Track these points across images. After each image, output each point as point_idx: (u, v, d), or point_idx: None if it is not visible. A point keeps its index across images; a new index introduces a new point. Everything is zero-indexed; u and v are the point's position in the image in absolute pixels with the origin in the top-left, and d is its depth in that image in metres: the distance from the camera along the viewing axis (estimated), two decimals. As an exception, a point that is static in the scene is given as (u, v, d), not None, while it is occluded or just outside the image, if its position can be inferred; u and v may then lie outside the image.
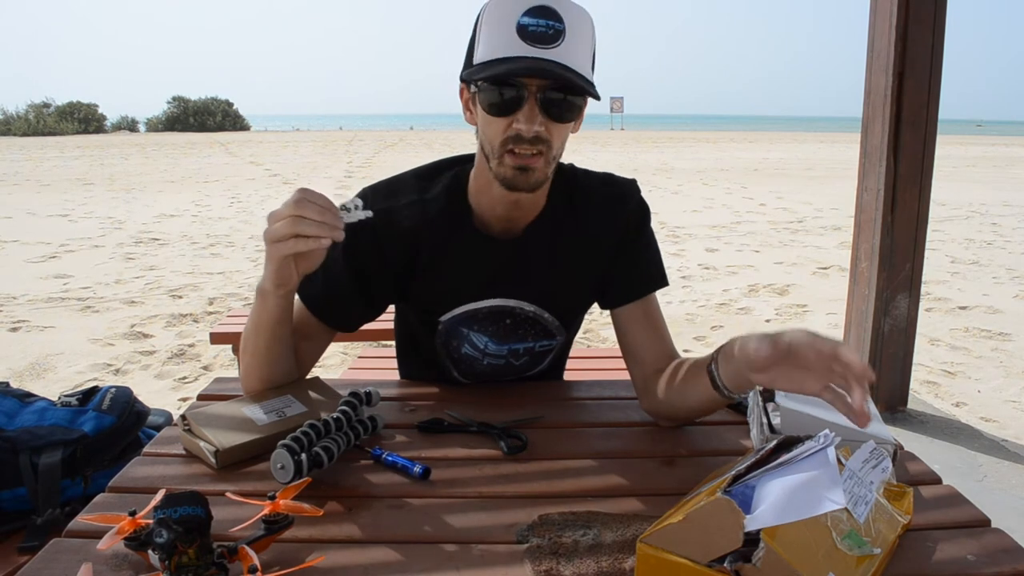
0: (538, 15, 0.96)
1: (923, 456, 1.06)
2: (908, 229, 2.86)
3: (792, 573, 0.63)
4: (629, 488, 0.95)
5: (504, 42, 0.97)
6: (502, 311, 1.20)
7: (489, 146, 1.04)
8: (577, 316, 1.30)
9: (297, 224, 0.90)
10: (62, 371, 3.61)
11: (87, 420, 1.37)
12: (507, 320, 1.20)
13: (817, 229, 8.03)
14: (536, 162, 1.02)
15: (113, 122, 39.23)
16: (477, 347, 1.23)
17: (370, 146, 24.15)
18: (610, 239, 1.19)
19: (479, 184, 1.13)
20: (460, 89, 1.08)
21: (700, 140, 30.91)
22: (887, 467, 0.85)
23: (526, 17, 0.96)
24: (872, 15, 2.85)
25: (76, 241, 7.03)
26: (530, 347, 1.25)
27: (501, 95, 0.99)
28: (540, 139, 1.00)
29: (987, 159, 20.12)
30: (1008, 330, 4.39)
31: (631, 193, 1.22)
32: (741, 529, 0.63)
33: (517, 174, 1.02)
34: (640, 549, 0.70)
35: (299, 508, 0.80)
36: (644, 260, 1.22)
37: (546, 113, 0.99)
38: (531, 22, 0.96)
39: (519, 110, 0.99)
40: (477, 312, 1.19)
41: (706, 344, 4.11)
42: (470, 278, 1.17)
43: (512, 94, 0.98)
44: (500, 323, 1.21)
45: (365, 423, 1.05)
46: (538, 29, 0.96)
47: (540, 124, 0.99)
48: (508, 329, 1.21)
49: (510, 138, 1.00)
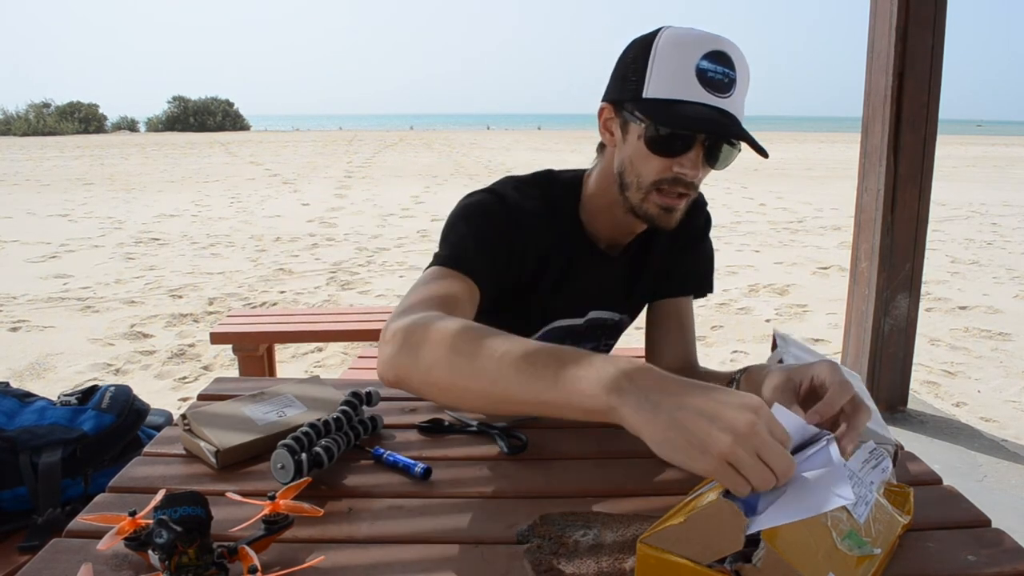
0: (717, 61, 0.96)
1: (923, 456, 1.06)
2: (908, 229, 2.86)
3: (792, 573, 0.63)
4: (629, 488, 0.95)
5: (682, 83, 0.96)
6: (603, 322, 1.24)
7: (636, 179, 1.03)
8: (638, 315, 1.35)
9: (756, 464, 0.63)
10: (62, 371, 3.61)
11: (87, 419, 1.37)
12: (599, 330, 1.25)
13: (817, 229, 8.03)
14: (681, 203, 1.04)
15: (113, 122, 39.24)
16: None
17: (370, 146, 24.16)
18: (676, 245, 1.25)
19: (597, 205, 1.14)
20: (602, 108, 1.08)
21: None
22: (887, 467, 0.85)
23: (705, 61, 0.95)
24: (872, 15, 2.85)
25: (76, 241, 7.03)
26: (594, 346, 1.28)
27: (673, 137, 0.99)
28: (694, 184, 1.02)
29: (987, 159, 20.12)
30: (1008, 330, 4.40)
31: (701, 205, 1.28)
32: (742, 531, 0.63)
33: (662, 213, 1.04)
34: (640, 550, 0.70)
35: (299, 508, 0.80)
36: (695, 264, 1.27)
37: (707, 159, 1.01)
38: (710, 68, 0.95)
39: (685, 155, 0.99)
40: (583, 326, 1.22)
41: (706, 344, 4.11)
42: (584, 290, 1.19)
43: (685, 138, 0.98)
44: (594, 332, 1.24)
45: (365, 423, 1.05)
46: (716, 76, 0.96)
47: (701, 169, 1.01)
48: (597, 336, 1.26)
49: (667, 179, 1.01)
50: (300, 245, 6.92)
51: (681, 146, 0.99)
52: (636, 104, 1.00)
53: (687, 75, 0.95)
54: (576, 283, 1.17)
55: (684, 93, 0.96)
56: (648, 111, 0.98)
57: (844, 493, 0.64)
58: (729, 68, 0.97)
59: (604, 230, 1.15)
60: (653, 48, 0.99)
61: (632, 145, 1.03)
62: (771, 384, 0.86)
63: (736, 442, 0.61)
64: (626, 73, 1.03)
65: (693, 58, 0.95)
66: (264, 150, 21.95)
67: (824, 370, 0.83)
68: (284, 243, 7.01)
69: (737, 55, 0.98)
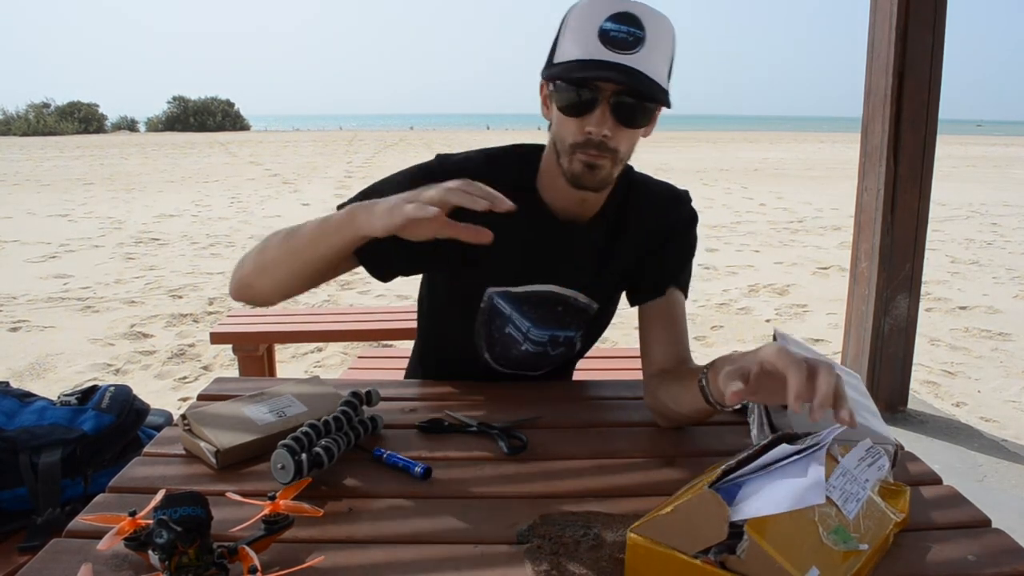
0: (621, 21, 0.98)
1: (923, 456, 1.06)
2: (908, 229, 2.86)
3: (775, 565, 0.64)
4: (629, 488, 0.95)
5: (585, 45, 0.99)
6: (556, 298, 1.22)
7: (561, 144, 1.07)
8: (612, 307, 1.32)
9: (458, 195, 0.89)
10: (62, 371, 3.61)
11: (87, 419, 1.37)
12: (559, 308, 1.23)
13: (817, 229, 8.03)
14: (603, 160, 1.05)
15: (113, 122, 39.22)
16: (520, 329, 1.24)
17: (370, 146, 24.15)
18: (656, 242, 1.22)
19: (548, 176, 1.16)
20: (540, 85, 1.10)
21: (700, 140, 30.92)
22: (883, 465, 0.85)
23: (609, 22, 0.98)
24: (872, 15, 2.85)
25: (76, 241, 7.03)
26: (571, 336, 1.27)
27: (577, 96, 1.01)
28: (607, 145, 1.03)
29: (987, 159, 20.13)
30: (1008, 330, 4.39)
31: (684, 200, 1.27)
32: (726, 521, 0.66)
33: (585, 171, 1.05)
34: (630, 539, 0.71)
35: (299, 508, 0.80)
36: (678, 263, 1.24)
37: (617, 118, 1.02)
38: (613, 27, 0.98)
39: (591, 113, 1.01)
40: (531, 295, 1.21)
41: (706, 344, 4.11)
42: (535, 259, 1.19)
43: (587, 96, 1.00)
44: (552, 310, 1.23)
45: (365, 423, 1.05)
46: (619, 35, 0.98)
47: (610, 128, 1.02)
48: (558, 316, 1.24)
49: (580, 141, 1.03)
50: (300, 245, 6.92)
51: (587, 106, 1.01)
52: (548, 70, 1.05)
53: (590, 36, 0.99)
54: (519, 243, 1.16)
55: (586, 53, 0.99)
56: (553, 75, 1.03)
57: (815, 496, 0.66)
58: (635, 27, 0.98)
59: (559, 202, 1.17)
60: (566, 17, 1.04)
61: (554, 112, 1.07)
62: (722, 373, 0.85)
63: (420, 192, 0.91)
64: (550, 46, 1.07)
65: (598, 20, 0.98)
66: (264, 150, 21.95)
67: (771, 354, 0.81)
68: (284, 243, 7.01)
69: (648, 15, 1.00)
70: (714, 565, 0.66)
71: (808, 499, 0.66)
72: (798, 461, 0.71)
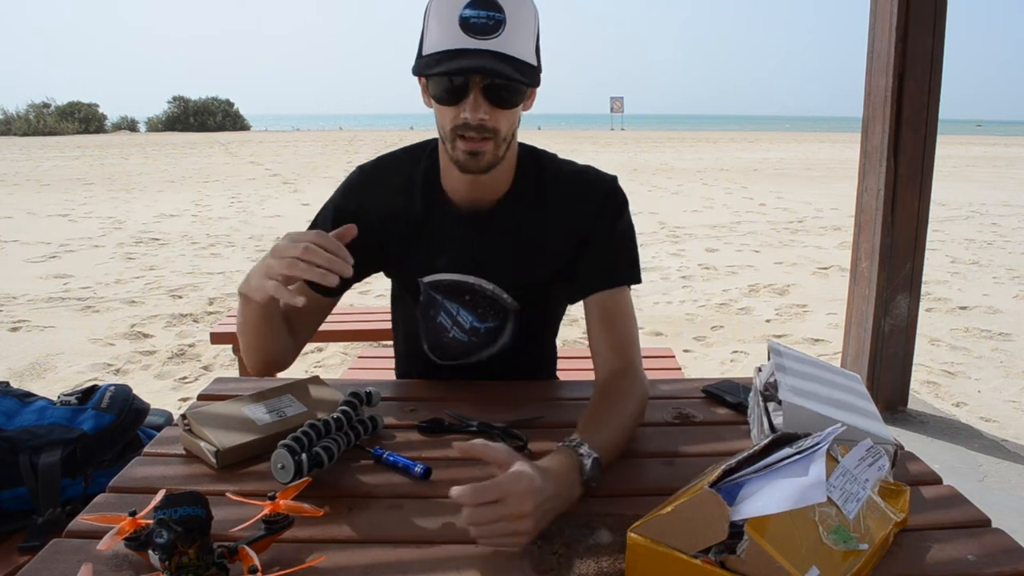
0: (479, 6, 1.00)
1: (923, 456, 1.06)
2: (908, 229, 2.86)
3: (775, 565, 0.64)
4: (629, 488, 0.95)
5: (448, 34, 1.01)
6: (461, 286, 1.23)
7: (443, 131, 1.10)
8: (538, 299, 1.27)
9: (308, 252, 0.94)
10: (62, 371, 3.61)
11: (86, 419, 1.37)
12: (466, 296, 1.24)
13: (817, 229, 8.03)
14: (485, 146, 1.08)
15: (113, 122, 39.20)
16: (450, 314, 1.26)
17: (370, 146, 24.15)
18: (574, 228, 1.20)
19: (445, 167, 1.20)
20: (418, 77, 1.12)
21: (700, 140, 30.91)
22: (883, 465, 0.85)
23: (468, 9, 1.00)
24: (872, 16, 2.85)
25: (76, 241, 7.03)
26: (491, 327, 1.26)
27: (449, 84, 1.04)
28: (485, 127, 1.05)
29: (987, 159, 20.12)
30: (1008, 330, 4.39)
31: (603, 185, 1.23)
32: (726, 521, 0.66)
33: (468, 158, 1.09)
34: (630, 539, 0.71)
35: (299, 508, 0.80)
36: (608, 255, 1.20)
37: (490, 101, 1.05)
38: (472, 14, 1.00)
39: (465, 100, 1.04)
40: (448, 284, 1.24)
41: (706, 344, 4.11)
42: (437, 251, 1.22)
43: (459, 83, 1.03)
44: (464, 298, 1.24)
45: (365, 423, 1.05)
46: (479, 21, 1.00)
47: (485, 112, 1.04)
48: (472, 304, 1.24)
49: (458, 126, 1.06)
50: (300, 245, 6.92)
51: (458, 93, 1.04)
52: (416, 64, 1.07)
53: (451, 26, 1.01)
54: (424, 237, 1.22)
55: (449, 43, 1.01)
56: (421, 68, 1.05)
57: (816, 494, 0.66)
58: (494, 11, 1.00)
59: (459, 191, 1.20)
60: (427, 11, 1.06)
61: (432, 104, 1.10)
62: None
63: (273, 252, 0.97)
64: (419, 39, 1.09)
65: (457, 7, 1.00)
66: (264, 150, 21.95)
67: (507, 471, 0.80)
68: (284, 243, 7.01)
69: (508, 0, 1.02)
70: (714, 565, 0.66)
71: (809, 497, 0.66)
72: (799, 461, 0.71)
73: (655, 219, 8.51)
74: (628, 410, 1.04)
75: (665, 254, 6.59)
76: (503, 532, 0.77)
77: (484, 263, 1.22)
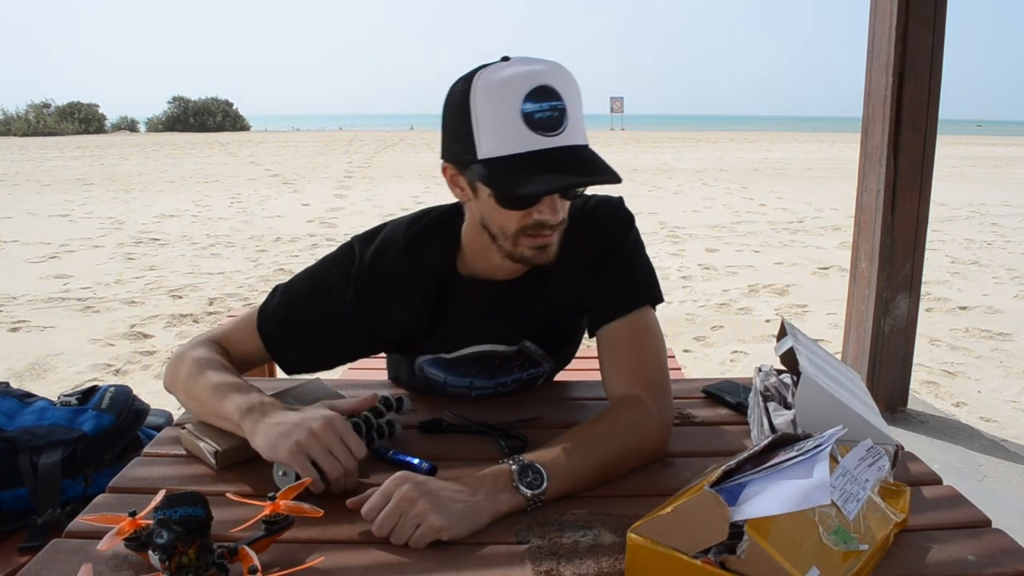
0: (540, 98, 0.90)
1: (923, 456, 1.06)
2: (908, 229, 2.85)
3: (775, 565, 0.64)
4: (629, 488, 0.95)
5: (513, 134, 0.90)
6: (490, 355, 1.19)
7: (500, 231, 1.00)
8: (566, 345, 1.28)
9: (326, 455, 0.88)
10: (62, 371, 3.61)
11: (87, 419, 1.37)
12: (495, 361, 1.20)
13: (817, 229, 8.03)
14: (552, 237, 1.00)
15: (113, 122, 39.19)
16: (462, 385, 1.23)
17: (370, 146, 24.16)
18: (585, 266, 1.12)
19: (475, 249, 1.10)
20: (444, 168, 1.03)
21: (700, 140, 30.91)
22: (883, 466, 0.85)
23: (528, 103, 0.90)
24: (872, 15, 2.84)
25: (76, 241, 7.03)
26: (518, 377, 1.24)
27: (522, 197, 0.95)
28: (560, 223, 0.99)
29: (987, 159, 20.12)
30: (1008, 330, 4.39)
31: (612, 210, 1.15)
32: (726, 522, 0.66)
33: (537, 253, 1.00)
34: (630, 540, 0.71)
35: (299, 509, 0.80)
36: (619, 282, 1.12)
37: (566, 197, 0.98)
38: (535, 108, 0.90)
39: (540, 203, 0.96)
40: (464, 358, 1.19)
41: (706, 344, 4.11)
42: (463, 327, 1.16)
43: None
44: (488, 364, 1.20)
45: (382, 428, 1.04)
46: (543, 115, 0.90)
47: (560, 207, 0.97)
48: (494, 368, 1.21)
49: (530, 225, 0.97)
50: (300, 245, 6.92)
51: (533, 199, 0.95)
52: (476, 166, 0.95)
53: (514, 124, 0.90)
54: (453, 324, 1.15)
55: (517, 145, 0.90)
56: (489, 177, 0.93)
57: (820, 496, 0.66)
58: (555, 100, 0.91)
59: (488, 272, 1.11)
60: (471, 103, 0.93)
61: (485, 202, 0.98)
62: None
63: (311, 436, 0.87)
64: (456, 131, 0.96)
65: (515, 104, 0.90)
66: (264, 150, 21.94)
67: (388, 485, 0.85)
68: (284, 243, 7.01)
69: (558, 78, 0.92)
70: (714, 565, 0.66)
71: (813, 499, 0.66)
72: (802, 462, 0.71)
73: (655, 219, 8.51)
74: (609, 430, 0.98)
75: (665, 254, 6.59)
76: (409, 525, 0.80)
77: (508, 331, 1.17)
